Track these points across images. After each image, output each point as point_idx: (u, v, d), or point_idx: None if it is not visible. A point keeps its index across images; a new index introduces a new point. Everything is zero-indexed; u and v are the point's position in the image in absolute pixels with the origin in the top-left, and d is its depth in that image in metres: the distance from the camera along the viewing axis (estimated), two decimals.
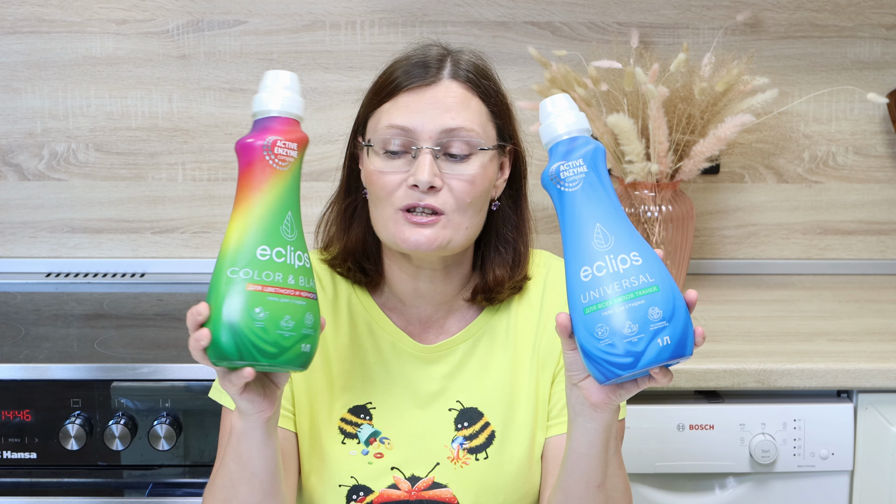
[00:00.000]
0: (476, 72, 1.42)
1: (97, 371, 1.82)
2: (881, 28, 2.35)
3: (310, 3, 2.32)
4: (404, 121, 1.37)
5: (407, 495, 1.43)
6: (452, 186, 1.37)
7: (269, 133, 1.22)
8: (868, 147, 2.40)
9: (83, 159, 2.36)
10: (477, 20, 2.33)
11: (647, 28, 2.33)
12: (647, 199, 2.14)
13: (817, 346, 1.92)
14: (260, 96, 1.24)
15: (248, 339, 1.17)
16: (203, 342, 1.18)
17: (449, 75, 1.40)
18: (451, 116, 1.37)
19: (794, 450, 1.84)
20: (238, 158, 1.23)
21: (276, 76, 1.25)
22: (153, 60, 2.33)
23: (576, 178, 1.20)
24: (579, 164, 1.20)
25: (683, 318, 1.18)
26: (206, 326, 1.18)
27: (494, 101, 1.43)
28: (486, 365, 1.47)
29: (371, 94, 1.43)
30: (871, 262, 2.43)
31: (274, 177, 1.22)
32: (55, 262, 2.39)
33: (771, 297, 2.24)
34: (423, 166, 1.35)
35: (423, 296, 1.47)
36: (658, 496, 1.86)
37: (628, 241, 1.19)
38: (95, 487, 1.84)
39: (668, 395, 1.85)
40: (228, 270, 1.19)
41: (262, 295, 1.18)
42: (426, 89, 1.39)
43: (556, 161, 1.21)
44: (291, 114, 1.24)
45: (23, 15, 2.31)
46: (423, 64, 1.40)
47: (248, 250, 1.19)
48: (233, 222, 1.21)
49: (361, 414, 1.45)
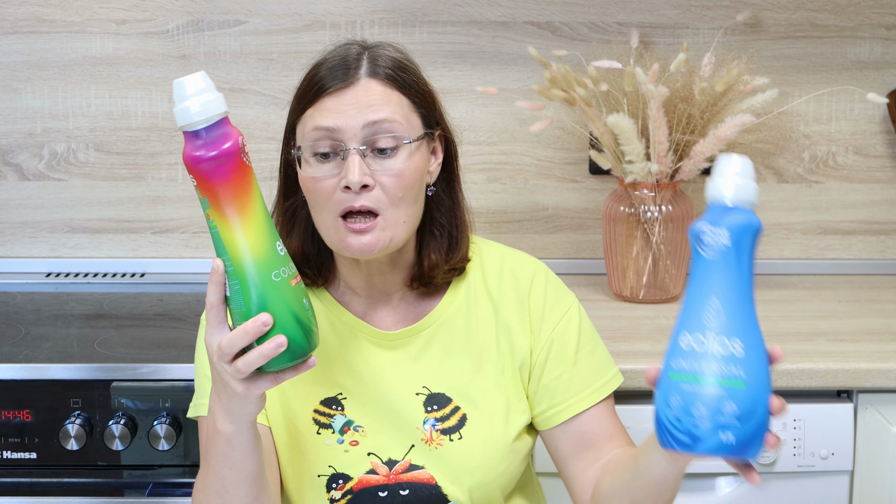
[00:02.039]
0: (394, 66, 1.44)
1: (97, 371, 1.82)
2: (881, 28, 2.35)
3: (310, 3, 2.32)
4: (328, 122, 1.40)
5: (386, 479, 1.45)
6: (383, 183, 1.40)
7: (229, 137, 1.21)
8: (868, 147, 2.40)
9: (83, 159, 2.36)
10: (477, 20, 2.33)
11: (647, 28, 2.33)
12: (647, 199, 2.14)
13: (817, 346, 1.92)
14: (195, 104, 1.19)
15: (310, 328, 1.23)
16: (283, 347, 1.20)
17: (367, 74, 1.42)
18: (372, 111, 1.40)
19: (794, 450, 1.84)
20: (211, 172, 1.20)
21: (194, 81, 1.20)
22: (153, 60, 2.33)
23: (715, 248, 1.17)
24: (723, 236, 1.17)
25: (758, 422, 1.16)
26: (271, 335, 1.20)
27: (415, 91, 1.45)
28: (448, 351, 1.49)
29: (295, 100, 1.46)
30: (871, 262, 2.43)
31: (252, 175, 1.23)
32: (55, 262, 2.39)
33: (771, 297, 2.24)
34: (353, 167, 1.38)
35: (376, 287, 1.49)
36: None
37: (740, 328, 1.16)
38: (95, 487, 1.84)
39: None
40: (272, 275, 1.21)
41: (300, 286, 1.24)
42: (346, 90, 1.41)
43: (707, 221, 1.18)
44: (226, 111, 1.22)
45: (23, 15, 2.31)
46: (342, 65, 1.43)
47: (273, 250, 1.22)
48: (248, 230, 1.21)
49: (333, 405, 1.48)
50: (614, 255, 2.19)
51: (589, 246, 2.41)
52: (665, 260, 2.17)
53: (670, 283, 2.19)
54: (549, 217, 2.41)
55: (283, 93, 2.29)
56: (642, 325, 2.05)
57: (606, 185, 2.38)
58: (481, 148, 2.37)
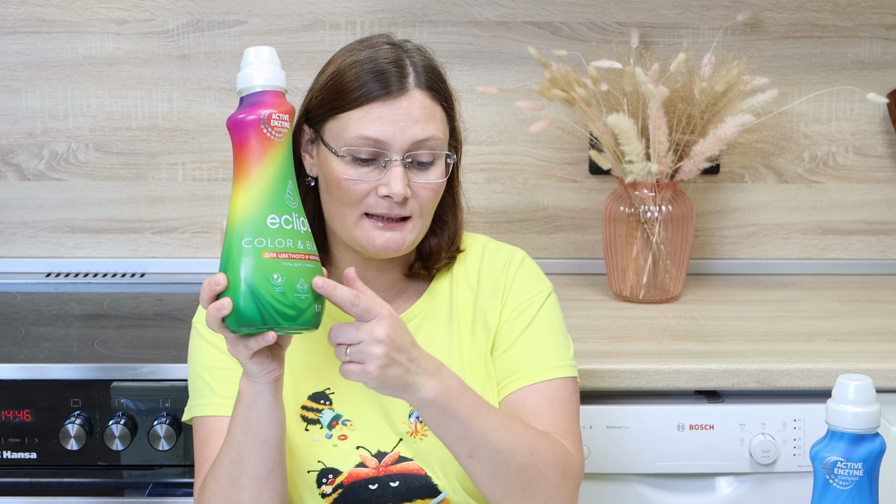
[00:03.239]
0: (435, 76, 1.47)
1: (97, 371, 1.82)
2: (881, 28, 2.35)
3: (310, 3, 2.32)
4: (377, 133, 1.41)
5: (375, 472, 1.46)
6: (419, 195, 1.43)
7: (262, 107, 1.28)
8: (868, 147, 2.40)
9: (83, 159, 2.36)
10: (477, 20, 2.33)
11: (647, 28, 2.33)
12: (647, 199, 2.14)
13: (817, 346, 1.92)
14: (245, 73, 1.29)
15: (270, 304, 1.24)
16: (225, 311, 1.24)
17: (415, 84, 1.44)
18: (420, 128, 1.42)
19: (794, 450, 1.83)
20: (233, 135, 1.28)
21: (256, 52, 1.30)
22: (153, 60, 2.33)
23: (849, 480, 1.17)
24: (857, 468, 1.17)
25: None
26: (224, 296, 1.24)
27: (449, 103, 1.49)
28: (433, 339, 1.50)
29: (329, 94, 1.45)
30: (871, 262, 2.43)
31: (273, 148, 1.27)
32: (55, 262, 2.39)
33: (771, 297, 2.24)
34: (397, 178, 1.41)
35: (369, 282, 1.50)
36: (658, 496, 1.86)
37: None
38: (95, 487, 1.84)
39: (668, 395, 1.85)
40: (243, 241, 1.25)
41: (278, 261, 1.25)
42: (396, 101, 1.42)
43: (835, 452, 1.18)
44: (278, 86, 1.30)
45: (23, 15, 2.31)
46: (387, 71, 1.43)
47: (259, 220, 1.25)
48: (238, 196, 1.27)
49: (321, 400, 1.48)
50: (614, 255, 2.19)
51: (589, 246, 2.41)
52: (665, 260, 2.17)
53: (670, 283, 2.19)
54: (549, 217, 2.41)
55: None
56: (642, 325, 2.05)
57: (606, 185, 2.38)
58: (481, 148, 2.37)
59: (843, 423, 1.17)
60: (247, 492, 1.37)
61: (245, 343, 1.27)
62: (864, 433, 1.17)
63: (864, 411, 1.16)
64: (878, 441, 1.18)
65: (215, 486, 1.38)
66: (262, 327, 1.25)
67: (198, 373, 1.48)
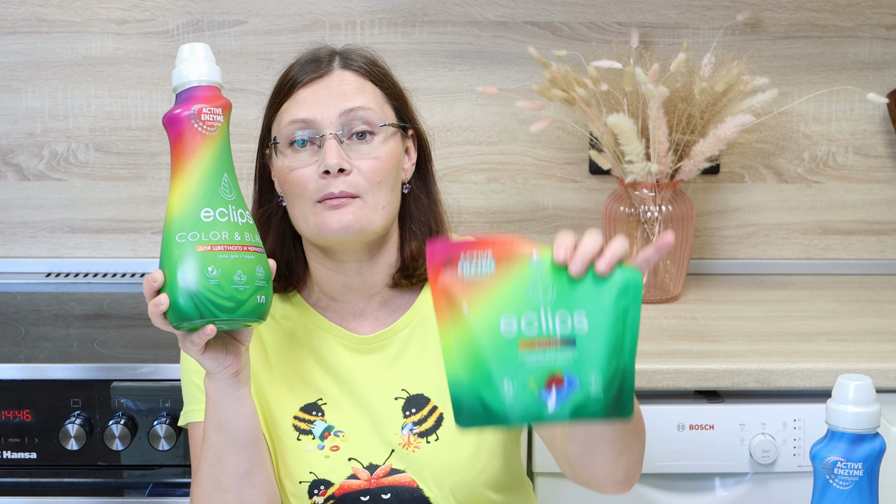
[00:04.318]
0: (366, 61, 1.48)
1: (97, 371, 1.82)
2: (881, 28, 2.35)
3: (310, 3, 2.32)
4: (304, 113, 1.42)
5: (367, 484, 1.45)
6: (361, 167, 1.41)
7: (193, 102, 1.29)
8: (868, 147, 2.40)
9: (83, 159, 2.36)
10: (477, 20, 2.33)
11: (647, 28, 2.33)
12: (647, 199, 2.14)
13: (817, 346, 1.92)
14: (178, 70, 1.30)
15: (206, 297, 1.24)
16: (162, 307, 1.25)
17: (340, 66, 1.46)
18: (347, 99, 1.42)
19: (794, 450, 1.84)
20: (167, 131, 1.29)
21: (191, 49, 1.31)
22: (153, 60, 2.33)
23: (849, 480, 1.17)
24: (857, 468, 1.17)
25: None
26: (162, 292, 1.26)
27: (387, 84, 1.48)
28: (424, 351, 1.49)
29: (270, 100, 1.48)
30: (871, 262, 2.43)
31: (205, 143, 1.28)
32: (55, 262, 2.39)
33: (771, 297, 2.24)
34: (330, 151, 1.40)
35: (352, 290, 1.49)
36: (658, 496, 1.86)
37: None
38: (95, 487, 1.84)
39: (668, 395, 1.85)
40: (177, 236, 1.26)
41: (212, 254, 1.25)
42: (320, 81, 1.44)
43: (836, 452, 1.18)
44: (212, 82, 1.31)
45: (23, 15, 2.31)
46: (314, 60, 1.46)
47: (193, 214, 1.26)
48: (173, 192, 1.28)
49: (314, 411, 1.47)
50: None
51: None
52: (665, 260, 2.17)
53: (670, 283, 2.19)
54: (549, 217, 2.41)
55: None
56: (642, 325, 2.02)
57: (606, 185, 2.38)
58: (481, 148, 2.37)
59: (843, 423, 1.17)
60: (228, 493, 1.37)
61: (191, 338, 1.28)
62: (864, 433, 1.17)
63: (864, 411, 1.16)
64: (878, 441, 1.18)
65: (199, 490, 1.39)
66: (200, 321, 1.25)
67: (190, 378, 1.48)
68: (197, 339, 1.27)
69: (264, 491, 1.39)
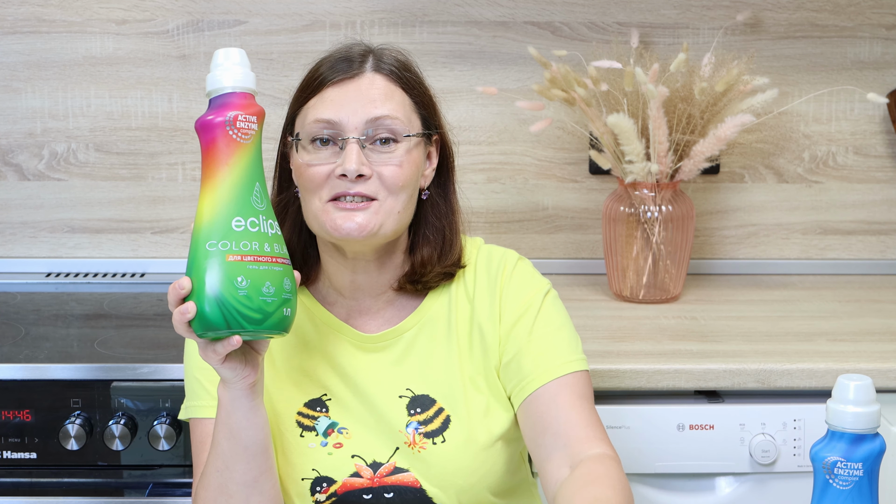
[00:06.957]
0: (398, 65, 1.46)
1: (97, 371, 1.82)
2: (881, 28, 2.35)
3: (310, 3, 2.32)
4: (330, 114, 1.41)
5: (370, 482, 1.44)
6: (381, 173, 1.41)
7: (228, 109, 1.27)
8: (868, 147, 2.40)
9: (83, 159, 2.36)
10: (477, 20, 2.33)
11: (647, 28, 2.33)
12: (647, 199, 2.14)
13: (817, 346, 1.92)
14: (213, 75, 1.29)
15: (234, 307, 1.22)
16: (189, 315, 1.23)
17: (372, 68, 1.44)
18: (375, 106, 1.41)
19: (794, 450, 1.84)
20: (200, 137, 1.28)
21: (226, 54, 1.29)
22: (153, 60, 2.33)
23: (849, 480, 1.17)
24: (857, 468, 1.17)
25: None
26: (189, 300, 1.23)
27: (417, 91, 1.47)
28: (431, 352, 1.48)
29: (297, 92, 1.47)
30: (871, 262, 2.43)
31: (239, 150, 1.26)
32: (55, 262, 2.39)
33: (771, 297, 2.24)
34: (351, 155, 1.39)
35: (360, 288, 1.49)
36: (658, 496, 1.86)
37: None
38: (95, 487, 1.84)
39: (668, 394, 1.85)
40: (207, 244, 1.24)
41: (242, 264, 1.23)
42: (350, 82, 1.42)
43: (835, 452, 1.18)
44: (247, 88, 1.29)
45: (23, 15, 2.31)
46: (347, 59, 1.44)
47: (223, 223, 1.25)
48: (204, 198, 1.26)
49: (318, 407, 1.47)
50: (614, 255, 2.19)
51: (589, 246, 2.41)
52: (665, 260, 2.17)
53: (670, 283, 2.19)
54: (549, 217, 2.41)
55: (282, 93, 2.29)
56: (642, 325, 2.05)
57: (606, 185, 2.38)
58: (481, 148, 2.37)
59: (843, 423, 1.17)
60: (235, 499, 1.37)
61: (213, 347, 1.26)
62: (864, 433, 1.17)
63: (864, 411, 1.16)
64: (878, 441, 1.18)
65: (205, 494, 1.38)
66: (227, 331, 1.24)
67: (193, 373, 1.48)
68: (220, 349, 1.26)
69: (271, 497, 1.39)
